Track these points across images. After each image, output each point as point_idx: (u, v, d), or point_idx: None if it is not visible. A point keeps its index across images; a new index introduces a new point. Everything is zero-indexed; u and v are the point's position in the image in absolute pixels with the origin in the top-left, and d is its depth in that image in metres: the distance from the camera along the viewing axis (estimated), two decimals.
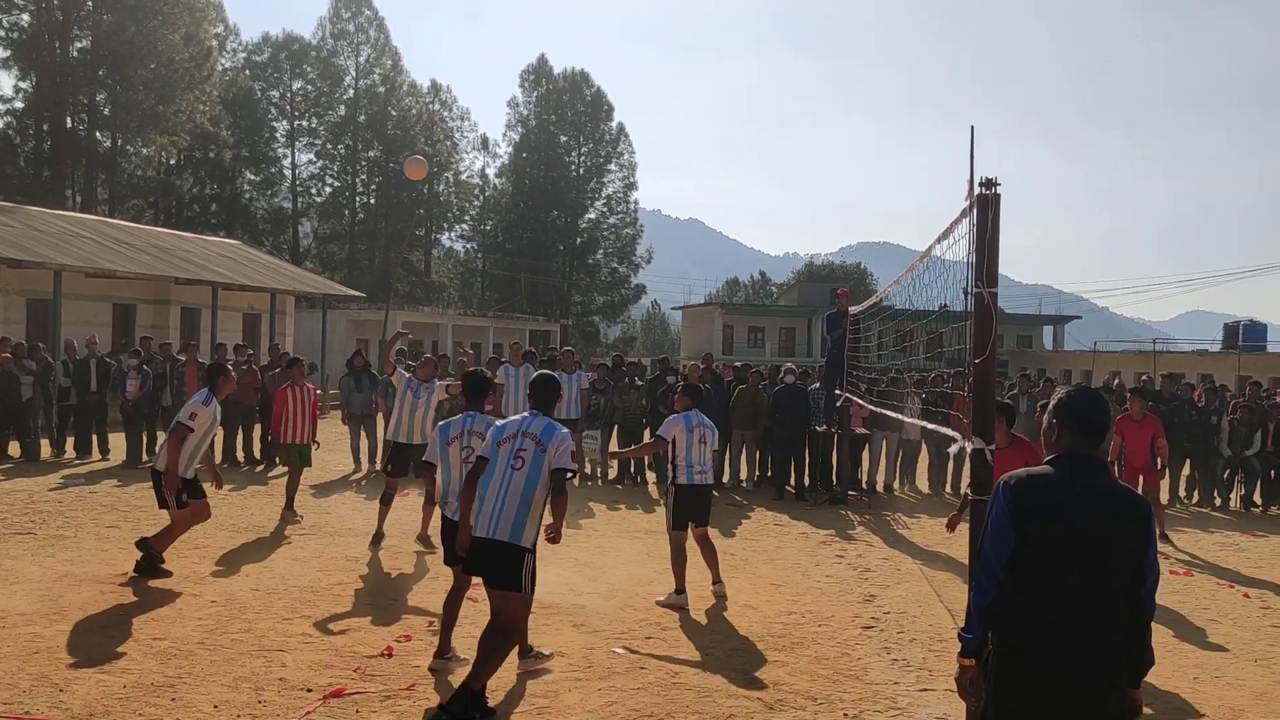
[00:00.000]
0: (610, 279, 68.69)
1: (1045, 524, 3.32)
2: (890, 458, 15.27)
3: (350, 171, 61.84)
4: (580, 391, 14.14)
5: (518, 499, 5.39)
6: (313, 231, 63.92)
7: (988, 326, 4.38)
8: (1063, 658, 3.27)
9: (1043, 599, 3.31)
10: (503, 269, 64.77)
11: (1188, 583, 9.54)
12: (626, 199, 68.51)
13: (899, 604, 8.17)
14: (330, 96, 60.60)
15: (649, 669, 6.16)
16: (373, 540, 9.61)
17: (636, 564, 9.30)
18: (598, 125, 67.23)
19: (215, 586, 7.79)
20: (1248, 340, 42.96)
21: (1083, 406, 3.50)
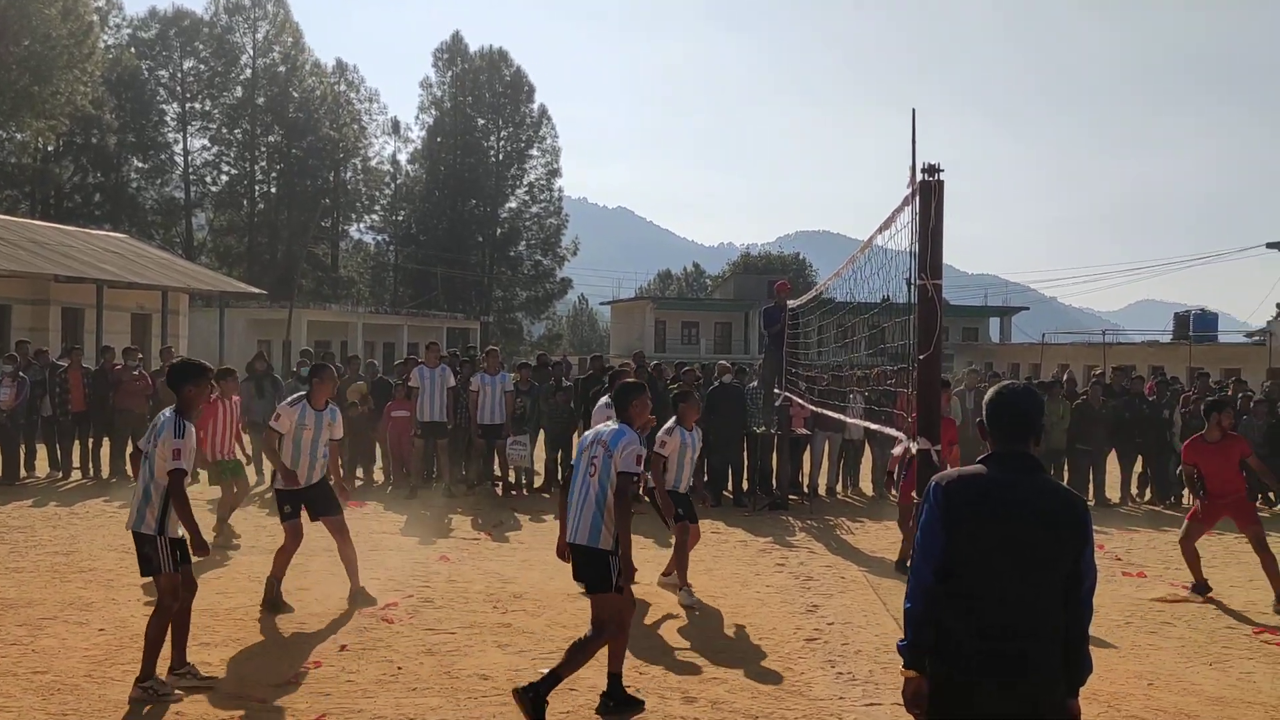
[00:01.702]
0: (534, 272, 68.38)
1: (976, 526, 3.39)
2: (832, 459, 15.44)
3: (248, 158, 60.76)
4: (505, 394, 14.06)
5: (593, 504, 5.85)
6: (208, 224, 62.66)
7: (932, 320, 4.44)
8: (997, 666, 3.33)
9: (975, 604, 3.37)
10: (417, 262, 64.14)
11: (1141, 584, 9.78)
12: (550, 186, 68.29)
13: (843, 614, 8.25)
14: (225, 77, 59.46)
15: (579, 691, 6.14)
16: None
17: (565, 578, 9.25)
18: (518, 108, 66.89)
19: (104, 613, 7.60)
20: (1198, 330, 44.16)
21: (1007, 403, 3.56)
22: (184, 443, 5.97)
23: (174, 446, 5.93)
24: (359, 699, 5.92)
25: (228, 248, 61.85)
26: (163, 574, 5.98)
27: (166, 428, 6.00)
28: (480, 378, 14.08)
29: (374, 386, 15.17)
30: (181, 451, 5.95)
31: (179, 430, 5.98)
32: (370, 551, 10.14)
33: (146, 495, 6.00)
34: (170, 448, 5.93)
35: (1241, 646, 7.65)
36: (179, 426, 6.00)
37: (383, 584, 8.79)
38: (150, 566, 5.99)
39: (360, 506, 12.95)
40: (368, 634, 7.27)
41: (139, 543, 6.03)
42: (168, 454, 5.92)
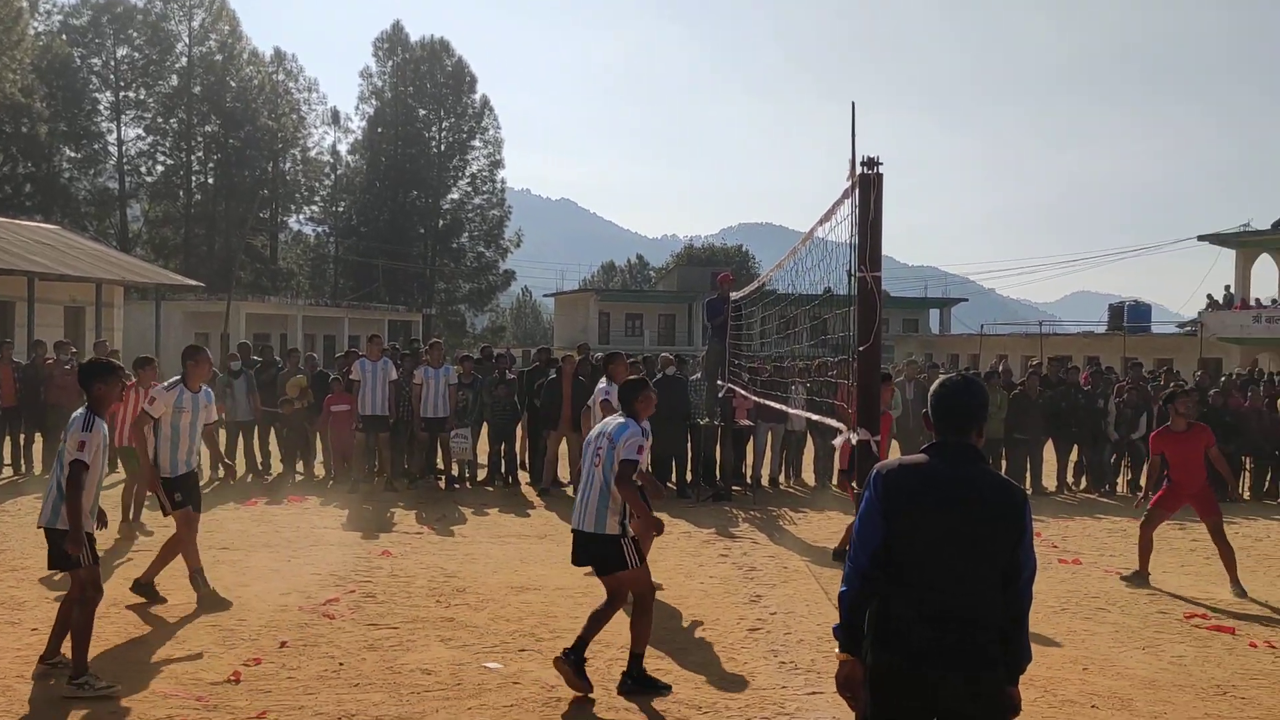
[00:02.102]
0: (476, 264, 67.94)
1: (918, 515, 3.43)
2: (775, 450, 15.54)
3: (184, 148, 59.72)
4: (448, 388, 13.99)
5: (597, 493, 6.16)
6: (143, 215, 61.49)
7: (872, 312, 4.48)
8: (937, 654, 3.36)
9: (915, 593, 3.41)
10: (358, 254, 63.43)
11: (1076, 571, 9.96)
12: (493, 178, 67.88)
13: (786, 604, 8.32)
14: (160, 65, 58.32)
15: (523, 685, 6.14)
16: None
17: (509, 571, 9.25)
18: (460, 98, 66.36)
19: (36, 612, 7.44)
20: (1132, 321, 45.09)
21: (950, 394, 3.61)
22: (90, 436, 5.97)
23: (79, 439, 5.94)
24: (300, 696, 5.86)
25: (164, 239, 60.76)
26: (83, 567, 5.93)
27: (76, 423, 6.03)
28: (424, 371, 13.99)
29: (314, 380, 15.01)
30: (86, 445, 5.93)
31: (87, 425, 5.99)
32: (311, 547, 10.06)
33: (61, 491, 5.96)
34: (76, 440, 5.94)
35: (1173, 631, 7.83)
36: (88, 421, 6.01)
37: (324, 579, 8.71)
38: (68, 561, 5.93)
39: (300, 501, 12.83)
40: (309, 630, 7.20)
41: (53, 538, 6.01)
42: (73, 446, 5.93)
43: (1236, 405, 15.53)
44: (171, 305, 37.52)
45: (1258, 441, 15.38)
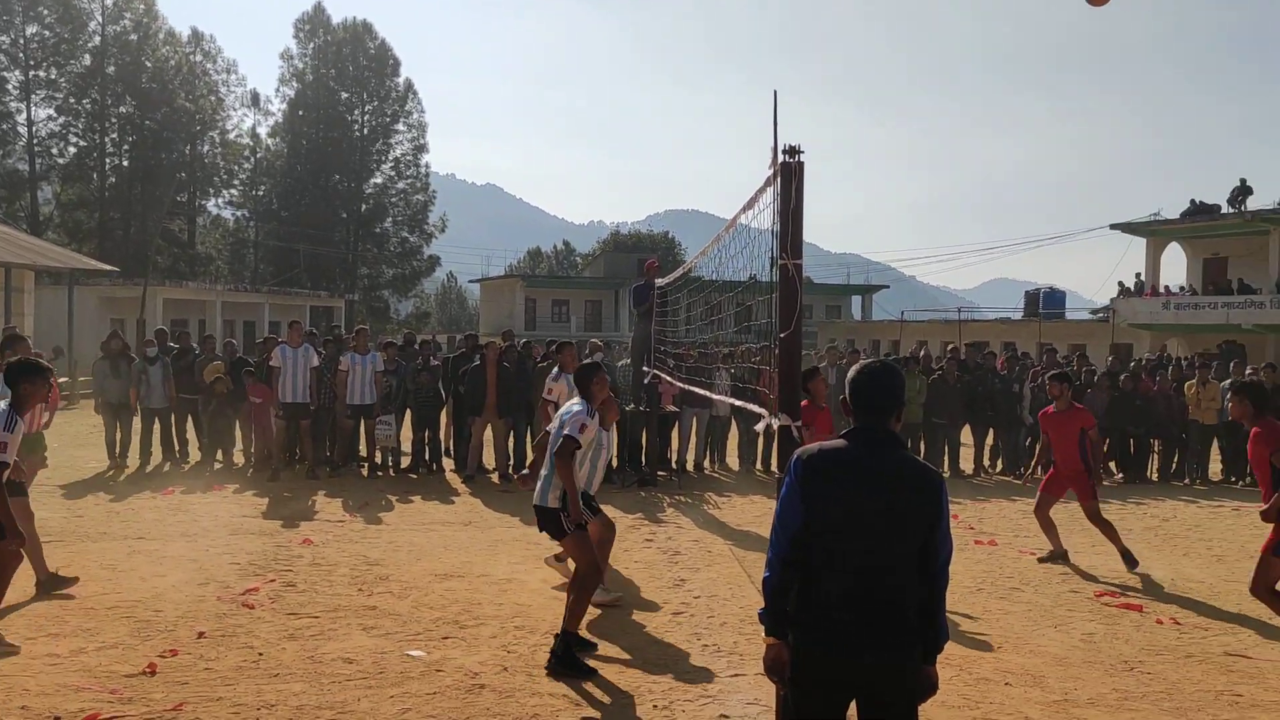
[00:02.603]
0: (400, 249, 67.20)
1: (836, 499, 3.47)
2: (700, 435, 15.62)
3: (98, 129, 58.12)
4: (375, 374, 13.83)
5: (547, 469, 6.65)
6: (55, 198, 59.77)
7: (793, 299, 4.51)
8: (857, 635, 3.42)
9: (836, 575, 3.46)
10: (279, 239, 62.36)
11: (992, 552, 10.17)
12: (417, 162, 67.20)
13: (709, 587, 8.38)
14: (72, 44, 56.61)
15: (446, 672, 6.11)
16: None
17: (432, 559, 9.19)
18: (383, 81, 65.53)
19: None
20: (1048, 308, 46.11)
21: (868, 380, 3.66)
22: (11, 437, 6.01)
23: (1, 439, 5.97)
24: (218, 687, 5.76)
25: (77, 223, 59.14)
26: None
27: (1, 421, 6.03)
28: (350, 357, 13.83)
29: (232, 366, 14.73)
30: (8, 446, 5.98)
31: (8, 425, 6.02)
32: (231, 536, 9.89)
33: None
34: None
35: (1084, 609, 8.03)
36: (9, 422, 6.04)
37: (244, 568, 8.58)
38: None
39: (219, 490, 12.61)
40: (227, 620, 7.08)
41: None
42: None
43: (1146, 389, 15.96)
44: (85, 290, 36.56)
45: (1165, 424, 15.82)
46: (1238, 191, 36.96)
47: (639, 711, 5.56)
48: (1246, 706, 5.88)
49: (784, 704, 3.78)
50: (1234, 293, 35.96)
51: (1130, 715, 5.69)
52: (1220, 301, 35.88)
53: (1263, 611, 8.03)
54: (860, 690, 3.47)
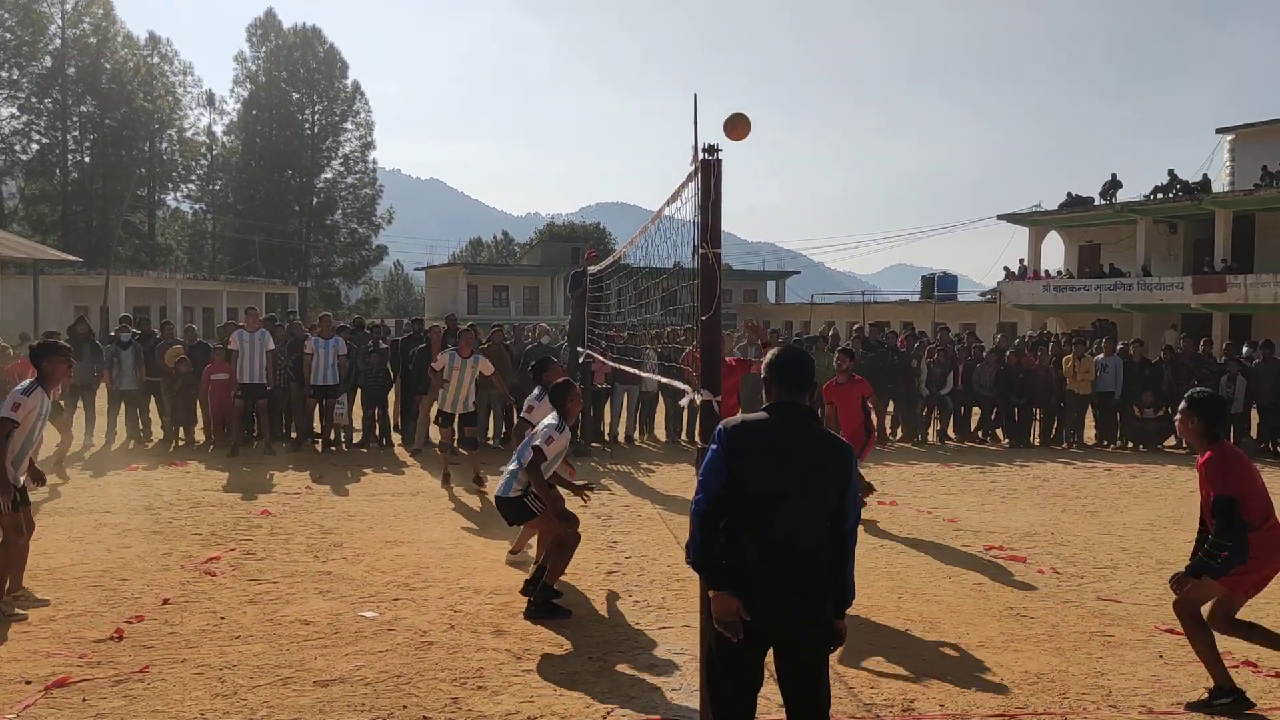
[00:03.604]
0: (350, 240, 66.23)
1: (755, 465, 3.52)
2: (631, 410, 15.65)
3: (60, 128, 56.33)
4: (338, 357, 13.64)
5: (510, 469, 6.83)
6: (19, 192, 57.81)
7: (712, 285, 4.52)
8: (774, 590, 3.47)
9: (753, 535, 3.50)
10: (235, 230, 61.09)
11: (893, 511, 10.33)
12: (364, 158, 66.21)
13: (639, 548, 8.41)
14: (33, 46, 54.68)
15: (397, 630, 6.06)
16: None
17: (383, 527, 9.10)
18: (332, 83, 64.36)
19: None
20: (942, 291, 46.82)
21: (787, 362, 3.74)
22: (26, 400, 6.17)
23: (14, 401, 6.15)
24: (183, 649, 5.65)
25: (41, 216, 57.28)
26: (3, 514, 6.13)
27: (18, 388, 6.29)
28: (314, 341, 13.63)
29: (193, 350, 14.42)
30: (20, 406, 6.13)
31: (28, 391, 6.23)
32: (193, 509, 9.71)
33: None
34: (11, 401, 6.15)
35: (975, 562, 8.20)
36: (29, 389, 6.25)
37: (205, 539, 8.42)
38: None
39: (182, 466, 12.35)
40: (190, 587, 6.95)
41: None
42: (7, 405, 6.13)
43: (1028, 364, 16.29)
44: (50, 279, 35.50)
45: (1045, 395, 16.17)
46: (1109, 185, 37.82)
47: (576, 664, 5.57)
48: (1117, 645, 6.05)
49: (707, 653, 3.82)
50: (1106, 276, 36.83)
51: (1016, 656, 5.83)
52: (1094, 284, 36.72)
53: (1131, 560, 8.28)
54: (777, 641, 3.52)
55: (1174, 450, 15.59)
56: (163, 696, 4.96)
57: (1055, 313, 37.99)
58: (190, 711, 4.78)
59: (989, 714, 4.97)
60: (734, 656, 3.52)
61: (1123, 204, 36.81)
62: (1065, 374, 16.13)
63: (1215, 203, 33.97)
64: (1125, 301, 35.27)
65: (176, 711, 4.78)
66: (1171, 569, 7.71)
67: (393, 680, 5.23)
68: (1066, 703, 5.12)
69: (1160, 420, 15.61)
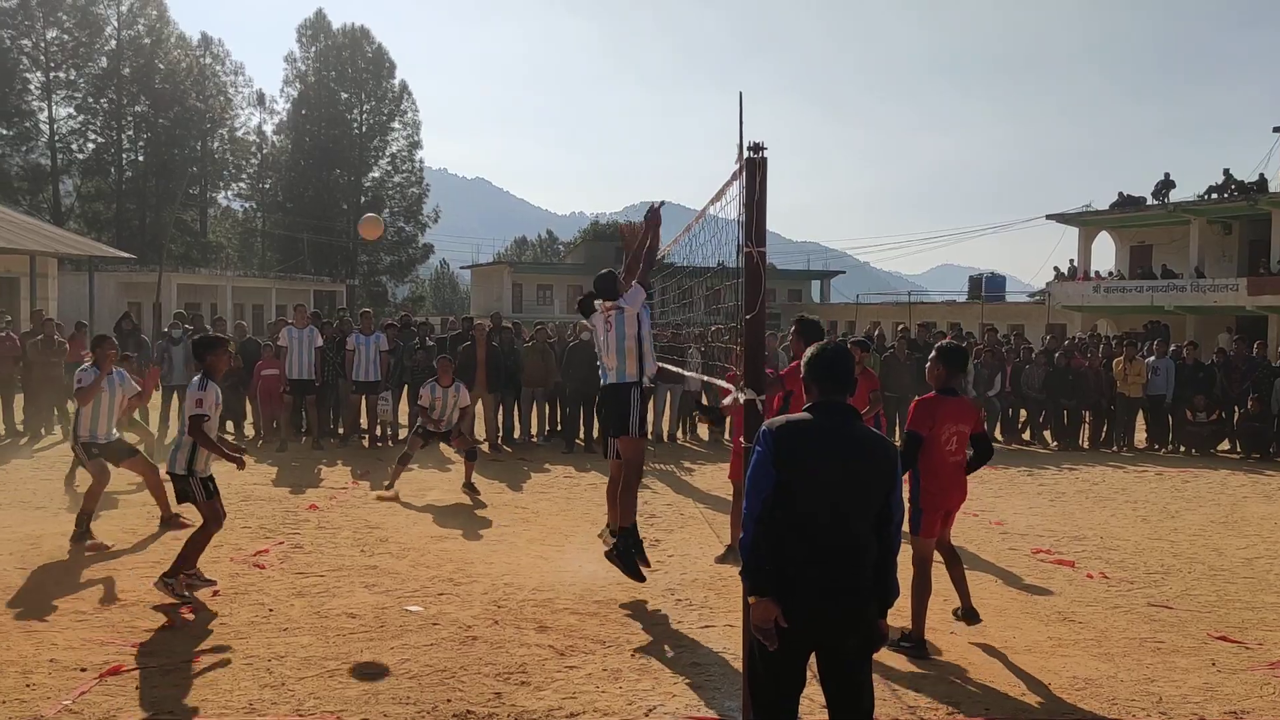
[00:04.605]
0: (397, 238, 66.74)
1: (802, 466, 3.49)
2: (674, 409, 15.64)
3: (115, 127, 57.32)
4: (380, 354, 13.78)
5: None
6: (75, 190, 58.96)
7: (757, 284, 4.51)
8: (821, 592, 3.45)
9: (800, 536, 3.48)
10: (284, 229, 61.84)
11: None
12: (411, 158, 66.68)
13: (682, 547, 8.41)
14: (90, 47, 55.74)
15: (442, 625, 6.11)
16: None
17: (428, 522, 9.18)
18: (380, 83, 64.91)
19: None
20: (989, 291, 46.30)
21: (826, 359, 3.69)
22: (205, 395, 6.70)
23: (195, 397, 6.69)
24: (232, 640, 5.75)
25: (96, 214, 58.38)
26: (199, 502, 6.70)
27: (192, 386, 6.79)
28: (356, 337, 13.78)
29: (243, 346, 14.63)
30: (203, 401, 6.67)
31: (201, 386, 6.73)
32: (242, 502, 9.84)
33: (178, 443, 6.85)
34: (193, 398, 6.70)
35: (1021, 565, 8.10)
36: (201, 384, 6.74)
37: (254, 532, 8.55)
38: (185, 498, 6.76)
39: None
40: (239, 579, 7.07)
41: (174, 481, 6.80)
42: (191, 404, 6.69)
43: (1078, 365, 16.07)
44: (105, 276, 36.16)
45: (1094, 397, 15.94)
46: (1161, 185, 37.16)
47: (618, 661, 5.58)
48: (1168, 652, 5.96)
49: (749, 655, 3.80)
50: (1158, 277, 36.20)
51: (1063, 660, 5.76)
52: (1145, 285, 36.11)
53: (1182, 566, 8.15)
54: (821, 641, 3.50)
55: (1227, 455, 15.30)
56: (212, 686, 5.05)
57: (1105, 314, 37.41)
58: (239, 701, 4.86)
59: (1034, 718, 4.91)
60: (776, 659, 3.51)
61: (1176, 204, 36.15)
62: (1115, 376, 15.89)
63: (1272, 202, 33.25)
64: (1178, 303, 34.65)
65: (225, 701, 4.86)
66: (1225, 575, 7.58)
67: (437, 674, 5.28)
68: (1115, 709, 5.05)
69: (1213, 424, 15.33)
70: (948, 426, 5.88)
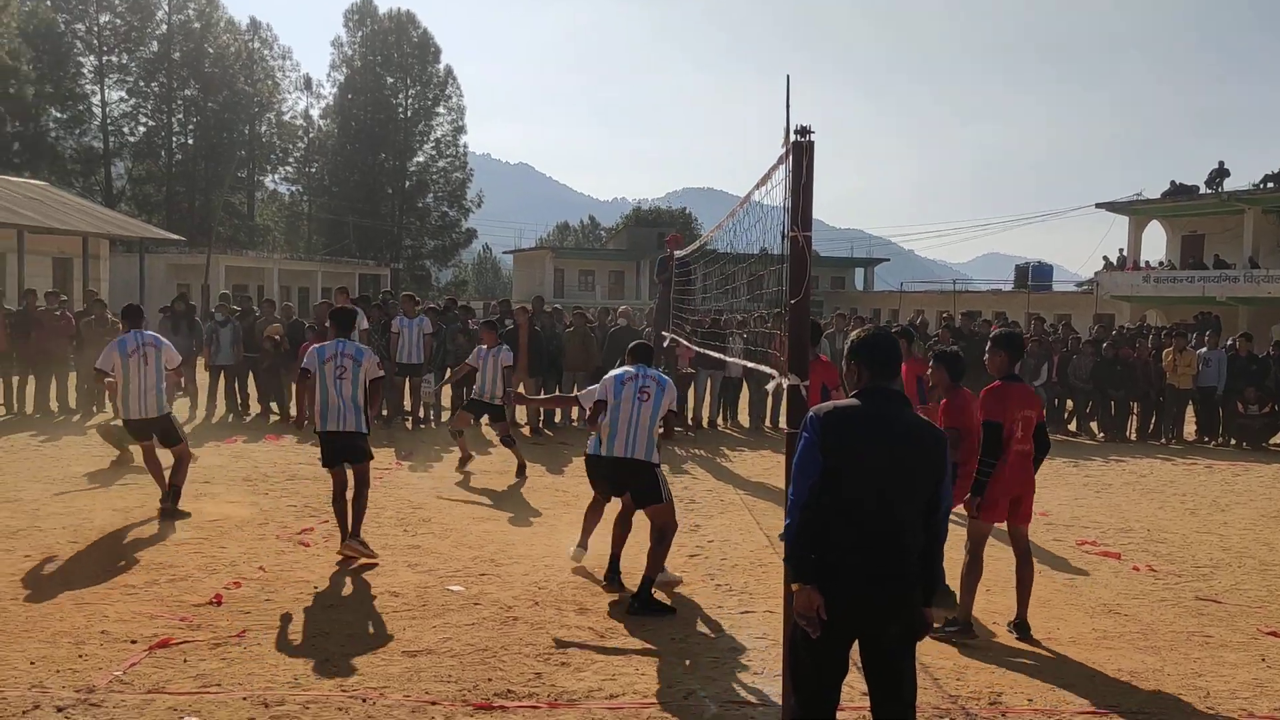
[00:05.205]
0: (441, 223, 67.20)
1: (850, 453, 3.46)
2: (715, 395, 15.62)
3: (166, 110, 58.17)
4: (424, 337, 13.88)
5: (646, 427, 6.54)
6: (127, 173, 59.95)
7: (802, 269, 4.47)
8: (865, 578, 3.42)
9: (846, 522, 3.45)
10: (330, 212, 62.45)
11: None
12: (456, 142, 67.00)
13: (722, 533, 8.40)
14: (141, 31, 56.67)
15: (483, 605, 6.16)
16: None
17: (470, 504, 9.25)
18: (425, 67, 65.26)
19: (29, 540, 7.33)
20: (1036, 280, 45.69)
21: (874, 344, 3.66)
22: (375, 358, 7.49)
23: (374, 360, 7.53)
24: (277, 616, 5.83)
25: (146, 196, 59.33)
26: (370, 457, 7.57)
27: (365, 352, 7.49)
28: (400, 320, 13.89)
29: (289, 328, 14.80)
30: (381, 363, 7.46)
31: (368, 354, 7.47)
32: (288, 481, 9.98)
33: (349, 402, 7.48)
34: (374, 363, 7.49)
35: (1066, 557, 8.01)
36: (365, 350, 7.48)
37: (300, 510, 8.66)
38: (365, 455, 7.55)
39: (277, 440, 12.70)
40: (285, 556, 7.17)
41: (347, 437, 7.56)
42: (373, 368, 7.44)
43: (1126, 356, 15.82)
44: (155, 257, 36.73)
45: (1143, 388, 15.69)
46: (1215, 174, 36.44)
47: (657, 644, 5.60)
48: (1216, 646, 5.87)
49: (790, 642, 3.78)
50: (1210, 268, 35.54)
51: (1108, 653, 5.69)
52: (1197, 275, 35.46)
53: (1232, 560, 8.01)
54: (864, 628, 3.48)
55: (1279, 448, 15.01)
56: (259, 660, 5.13)
57: (1155, 305, 36.79)
58: (284, 676, 4.93)
59: (1079, 710, 4.86)
60: (818, 647, 3.49)
61: (1230, 193, 35.43)
62: (1165, 367, 15.62)
63: None
64: (1230, 294, 33.98)
65: (271, 675, 4.93)
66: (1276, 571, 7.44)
67: (478, 653, 5.32)
68: (1161, 703, 4.98)
69: (1266, 417, 15.05)
70: (1015, 413, 5.94)
